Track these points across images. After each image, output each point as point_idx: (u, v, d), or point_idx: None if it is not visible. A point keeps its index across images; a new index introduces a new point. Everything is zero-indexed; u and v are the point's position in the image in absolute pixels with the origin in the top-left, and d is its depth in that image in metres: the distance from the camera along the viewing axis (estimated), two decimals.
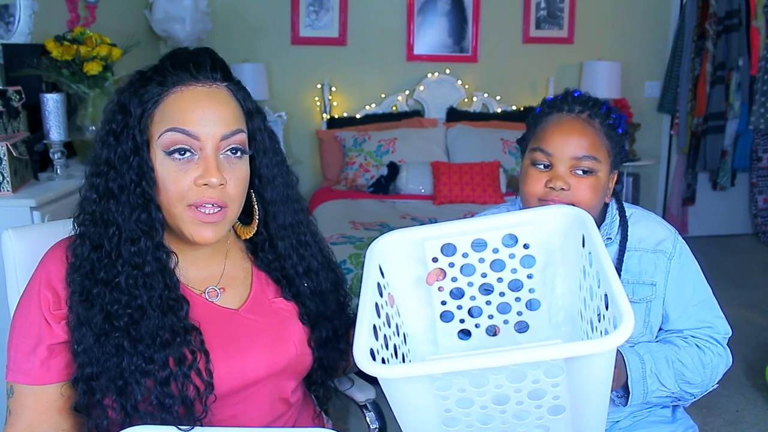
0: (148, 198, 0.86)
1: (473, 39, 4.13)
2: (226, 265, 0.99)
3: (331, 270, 1.06)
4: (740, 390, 2.45)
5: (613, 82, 3.96)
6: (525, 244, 0.90)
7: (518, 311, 0.94)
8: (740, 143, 4.27)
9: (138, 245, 0.86)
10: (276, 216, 0.98)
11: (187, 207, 0.87)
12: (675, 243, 1.11)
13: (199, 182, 0.86)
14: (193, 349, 0.86)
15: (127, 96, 0.88)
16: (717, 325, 1.12)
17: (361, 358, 0.68)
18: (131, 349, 0.83)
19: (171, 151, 0.86)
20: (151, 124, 0.87)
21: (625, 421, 1.15)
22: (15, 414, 0.86)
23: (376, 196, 3.50)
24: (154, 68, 0.90)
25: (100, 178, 0.88)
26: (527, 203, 1.07)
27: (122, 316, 0.84)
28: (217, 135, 0.87)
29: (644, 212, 1.15)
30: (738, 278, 3.67)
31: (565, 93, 1.10)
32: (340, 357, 1.05)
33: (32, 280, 0.89)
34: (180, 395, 0.84)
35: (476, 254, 0.91)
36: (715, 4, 3.98)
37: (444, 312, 0.95)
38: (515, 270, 0.92)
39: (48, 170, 2.10)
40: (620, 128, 1.07)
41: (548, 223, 0.89)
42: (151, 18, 3.55)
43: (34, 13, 2.32)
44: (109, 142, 0.88)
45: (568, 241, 0.88)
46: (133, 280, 0.85)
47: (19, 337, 0.87)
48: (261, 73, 3.86)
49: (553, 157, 1.03)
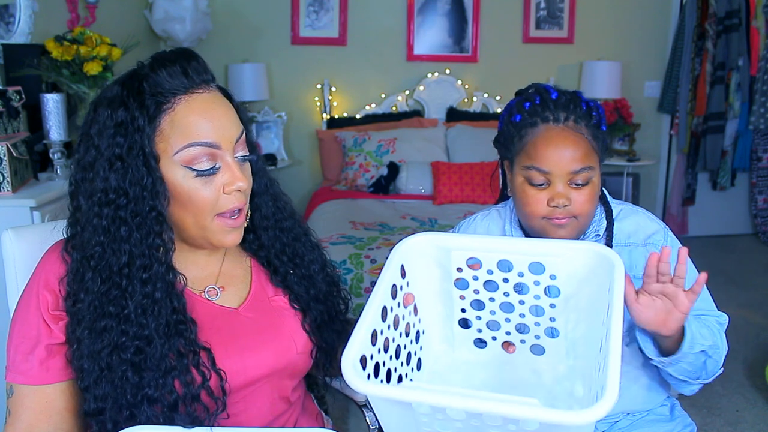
0: (162, 219, 0.85)
1: (473, 39, 4.14)
2: (225, 264, 0.99)
3: (314, 249, 1.07)
4: (740, 390, 2.45)
5: (613, 82, 3.96)
6: (551, 275, 0.88)
7: (536, 335, 0.93)
8: (740, 143, 4.27)
9: (150, 272, 0.84)
10: (259, 207, 0.99)
11: (216, 216, 0.87)
12: (665, 236, 1.11)
13: (229, 189, 0.86)
14: (203, 370, 0.85)
15: (122, 114, 0.82)
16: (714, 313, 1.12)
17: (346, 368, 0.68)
18: (135, 380, 0.81)
19: (196, 169, 0.84)
20: (160, 140, 0.84)
21: (624, 421, 1.15)
22: (14, 414, 0.86)
23: (376, 196, 3.50)
24: (143, 78, 0.84)
25: (108, 207, 0.83)
26: (530, 223, 1.07)
27: (129, 347, 0.82)
28: (232, 139, 0.87)
29: (633, 208, 1.15)
30: (738, 278, 3.67)
31: (541, 97, 1.04)
32: (338, 337, 1.04)
33: (31, 281, 0.89)
34: (189, 416, 0.83)
35: (501, 273, 0.90)
36: (715, 4, 3.98)
37: (462, 319, 0.95)
38: (538, 297, 0.90)
39: (48, 170, 2.10)
40: (603, 125, 1.05)
41: (579, 259, 0.87)
42: (151, 18, 3.55)
43: (34, 13, 2.32)
44: (115, 168, 0.82)
45: (594, 280, 0.86)
46: (141, 308, 0.83)
47: (18, 337, 0.87)
48: (261, 73, 3.86)
49: (551, 175, 1.02)
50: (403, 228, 2.84)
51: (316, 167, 4.16)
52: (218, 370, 0.86)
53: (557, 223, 1.04)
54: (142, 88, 0.83)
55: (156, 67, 0.84)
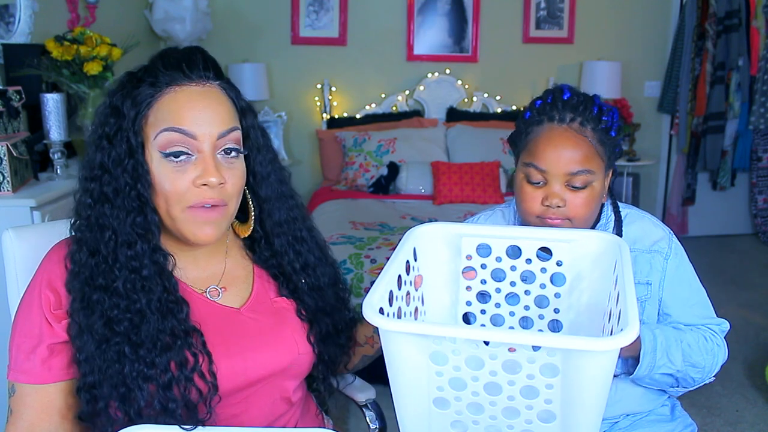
0: (144, 201, 0.86)
1: (473, 39, 4.14)
2: (227, 264, 0.99)
3: (328, 265, 1.06)
4: (740, 390, 2.45)
5: (613, 82, 3.96)
6: (558, 261, 0.89)
7: (539, 329, 0.93)
8: (740, 143, 4.27)
9: (134, 249, 0.85)
10: (271, 213, 0.99)
11: (186, 208, 0.87)
12: (670, 243, 1.11)
13: (198, 182, 0.86)
14: (195, 352, 0.86)
15: (119, 98, 0.87)
16: (716, 320, 1.12)
17: (367, 309, 0.69)
18: (132, 354, 0.82)
19: (168, 153, 0.85)
20: (146, 126, 0.87)
21: (625, 422, 1.16)
22: (16, 413, 0.86)
23: (376, 196, 3.50)
24: (145, 69, 0.89)
25: (94, 183, 0.87)
26: (526, 220, 1.07)
27: (122, 320, 0.83)
28: (214, 134, 0.87)
29: (639, 212, 1.15)
30: (738, 278, 3.67)
31: (553, 96, 1.05)
32: (341, 352, 1.05)
33: (34, 280, 0.90)
34: (182, 398, 0.83)
35: (509, 261, 0.91)
36: (715, 4, 3.98)
37: (467, 313, 0.95)
38: (544, 285, 0.91)
39: (48, 170, 2.10)
40: (612, 131, 1.05)
41: (585, 246, 0.89)
42: (151, 18, 3.55)
43: (34, 13, 2.32)
44: (102, 146, 0.87)
45: (599, 266, 0.88)
46: (131, 284, 0.84)
47: (20, 336, 0.87)
48: (261, 73, 3.86)
49: (547, 174, 1.02)
50: (403, 228, 2.84)
51: (316, 167, 4.16)
52: (208, 352, 0.87)
53: (550, 223, 1.03)
54: (141, 77, 0.87)
55: (157, 59, 0.89)
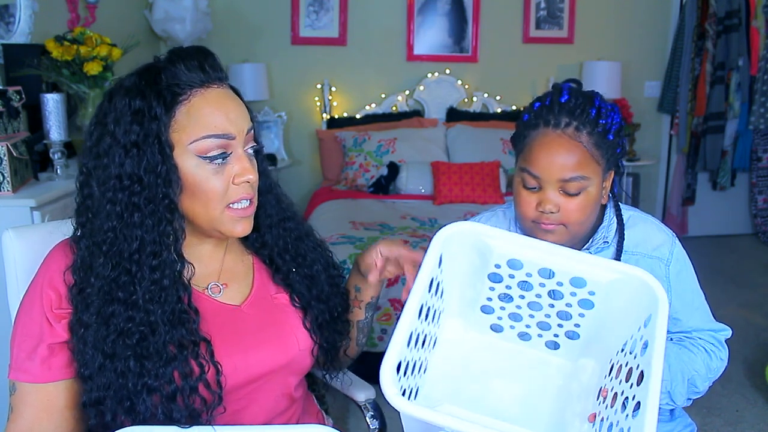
0: (173, 207, 0.86)
1: (473, 39, 4.14)
2: (226, 260, 1.00)
3: (320, 249, 1.08)
4: (740, 390, 2.46)
5: (613, 82, 3.96)
6: (591, 291, 0.86)
7: (555, 334, 0.92)
8: (740, 143, 4.27)
9: (159, 258, 0.85)
10: (264, 205, 1.00)
11: (226, 207, 0.89)
12: (672, 248, 1.10)
13: (238, 180, 0.88)
14: (202, 362, 0.85)
15: (139, 103, 0.84)
16: (717, 327, 1.12)
17: (386, 385, 0.69)
18: (137, 368, 0.82)
19: (210, 156, 0.86)
20: (175, 130, 0.86)
21: None
22: (17, 411, 0.86)
23: (376, 196, 3.50)
24: (163, 71, 0.86)
25: (122, 193, 0.84)
26: (521, 223, 1.08)
27: (134, 333, 0.82)
28: (244, 131, 0.90)
29: (642, 215, 1.14)
30: (738, 278, 3.67)
31: (551, 99, 1.03)
32: (340, 337, 1.05)
33: (35, 279, 0.90)
34: (187, 409, 0.83)
35: (539, 278, 0.87)
36: (715, 4, 3.99)
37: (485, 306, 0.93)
38: (570, 305, 0.88)
39: (48, 170, 2.10)
40: (611, 134, 1.02)
41: (624, 287, 0.84)
42: (151, 18, 3.55)
43: (34, 13, 2.32)
44: (131, 154, 0.84)
45: (633, 310, 0.84)
46: (149, 294, 0.84)
47: (21, 335, 0.87)
48: (261, 73, 3.86)
49: (541, 179, 1.01)
50: (403, 228, 2.84)
51: (316, 167, 4.16)
52: (216, 362, 0.87)
53: (545, 227, 1.03)
54: (159, 79, 0.86)
55: (174, 61, 0.87)
